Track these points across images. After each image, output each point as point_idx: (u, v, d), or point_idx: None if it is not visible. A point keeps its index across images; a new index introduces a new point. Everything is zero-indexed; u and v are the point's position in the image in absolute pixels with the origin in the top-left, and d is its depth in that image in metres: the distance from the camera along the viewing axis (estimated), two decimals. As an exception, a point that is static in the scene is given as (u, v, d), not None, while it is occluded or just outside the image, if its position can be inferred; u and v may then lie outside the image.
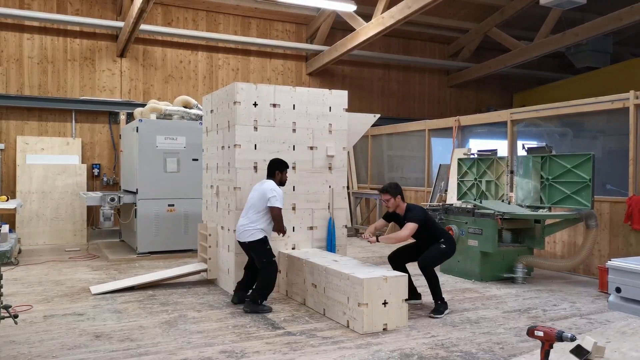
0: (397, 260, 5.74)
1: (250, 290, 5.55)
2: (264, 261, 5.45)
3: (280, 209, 5.51)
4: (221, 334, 4.66)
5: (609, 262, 5.62)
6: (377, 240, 5.37)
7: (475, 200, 7.55)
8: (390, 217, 5.73)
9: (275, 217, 5.50)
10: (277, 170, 5.69)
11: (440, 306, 5.36)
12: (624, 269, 5.41)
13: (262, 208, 5.49)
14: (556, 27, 12.03)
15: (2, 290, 4.26)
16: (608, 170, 7.68)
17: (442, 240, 5.53)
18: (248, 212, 5.57)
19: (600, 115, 7.66)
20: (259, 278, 5.48)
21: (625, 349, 4.07)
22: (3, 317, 4.21)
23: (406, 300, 5.04)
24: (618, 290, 5.47)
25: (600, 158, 7.58)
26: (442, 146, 10.76)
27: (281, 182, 5.70)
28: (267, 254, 5.48)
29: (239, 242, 5.64)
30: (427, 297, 5.72)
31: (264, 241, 5.48)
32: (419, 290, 5.81)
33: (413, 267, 5.70)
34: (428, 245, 5.53)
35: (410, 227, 5.33)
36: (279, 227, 5.59)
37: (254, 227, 5.46)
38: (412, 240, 5.65)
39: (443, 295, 5.46)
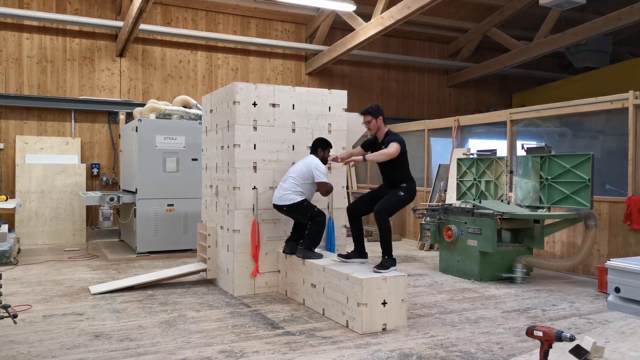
0: (355, 212, 5.66)
1: (302, 240, 5.80)
2: (309, 215, 5.73)
3: (327, 183, 5.73)
4: (220, 333, 4.66)
5: (608, 262, 5.63)
6: (364, 160, 5.35)
7: (474, 200, 7.55)
8: (367, 146, 5.71)
9: (323, 192, 5.79)
10: (320, 147, 5.94)
11: (386, 261, 5.08)
12: (623, 269, 5.42)
13: (301, 181, 5.75)
14: (555, 27, 12.04)
15: (2, 289, 4.26)
16: (607, 170, 7.69)
17: (404, 185, 5.37)
18: (286, 181, 5.81)
19: (600, 115, 7.66)
20: (310, 227, 5.74)
21: (625, 348, 4.07)
22: (2, 317, 4.21)
23: (345, 256, 5.28)
24: (617, 290, 5.47)
25: (599, 158, 7.59)
26: (441, 146, 10.76)
27: (323, 159, 5.93)
28: (310, 209, 5.75)
29: (275, 205, 5.88)
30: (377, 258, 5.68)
31: (302, 202, 5.72)
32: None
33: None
34: (391, 187, 5.40)
35: (395, 146, 5.25)
36: (328, 194, 5.87)
37: (292, 191, 5.71)
38: (369, 191, 5.60)
39: (393, 253, 5.23)
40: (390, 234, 5.31)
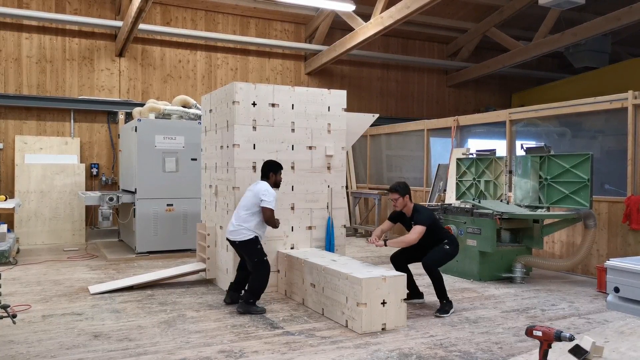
0: (399, 260, 5.73)
1: (243, 291, 5.48)
2: (255, 261, 5.37)
3: (272, 210, 5.37)
4: (220, 333, 4.66)
5: (608, 262, 5.63)
6: (385, 245, 5.35)
7: (474, 200, 7.56)
8: (396, 218, 5.72)
9: (268, 220, 5.38)
10: (271, 172, 5.60)
11: (445, 305, 5.37)
12: (622, 269, 5.42)
13: (253, 209, 5.39)
14: (555, 27, 12.04)
15: (1, 289, 4.26)
16: (606, 170, 7.69)
17: (446, 241, 5.53)
18: (239, 212, 5.48)
19: (599, 115, 7.67)
20: (251, 278, 5.40)
21: (624, 348, 4.07)
22: (1, 317, 4.21)
23: (407, 299, 5.05)
24: (616, 290, 5.47)
25: (598, 158, 7.59)
26: (440, 146, 10.76)
27: (276, 184, 5.62)
28: (259, 253, 5.39)
29: (228, 240, 5.56)
30: (428, 297, 5.73)
31: (254, 241, 5.39)
32: (421, 289, 5.81)
33: (414, 267, 5.70)
34: (431, 246, 5.52)
35: (419, 230, 5.35)
36: (272, 225, 5.47)
37: (244, 227, 5.37)
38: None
39: (448, 295, 5.46)
40: (442, 280, 5.43)
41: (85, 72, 11.08)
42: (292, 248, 6.32)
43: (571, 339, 3.19)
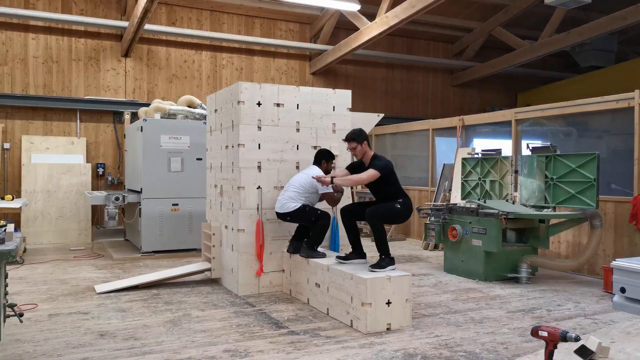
0: (349, 214, 5.55)
1: (306, 240, 5.82)
2: (313, 219, 5.69)
3: (331, 193, 5.71)
4: (225, 333, 4.67)
5: (614, 262, 5.61)
6: (332, 182, 5.33)
7: (479, 199, 7.54)
8: (353, 168, 5.65)
9: (330, 202, 5.89)
10: (324, 159, 5.92)
11: (383, 260, 5.04)
12: (628, 269, 5.40)
13: (302, 190, 5.71)
14: (560, 27, 11.99)
15: (8, 288, 4.28)
16: (613, 170, 7.65)
17: (400, 200, 5.26)
18: (288, 190, 5.78)
19: (605, 114, 7.63)
20: (315, 227, 5.69)
21: (630, 349, 4.05)
22: (8, 316, 4.23)
23: (345, 259, 5.24)
24: (623, 290, 5.45)
25: (605, 158, 7.55)
26: (446, 146, 10.74)
27: (326, 172, 5.87)
28: (313, 213, 5.71)
29: (279, 214, 5.85)
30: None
31: (301, 208, 5.68)
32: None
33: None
34: (384, 202, 5.34)
35: (371, 173, 5.15)
36: (335, 203, 5.98)
37: (293, 199, 5.69)
38: (370, 198, 5.58)
39: (390, 252, 5.16)
40: (384, 233, 5.20)
41: (91, 72, 11.12)
42: (297, 248, 6.32)
43: (577, 339, 3.18)
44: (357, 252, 5.48)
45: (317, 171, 5.78)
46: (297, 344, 4.37)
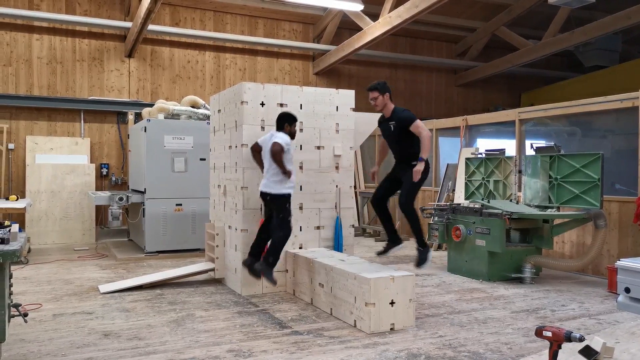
0: (378, 200, 5.64)
1: (264, 255, 5.63)
2: (281, 217, 5.53)
3: (281, 146, 5.41)
4: (229, 333, 4.68)
5: (618, 262, 5.59)
6: (423, 161, 5.15)
7: (482, 199, 7.52)
8: (382, 132, 5.64)
9: (274, 154, 5.41)
10: (286, 122, 5.71)
11: (422, 253, 5.28)
12: (633, 269, 5.38)
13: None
14: (564, 26, 11.96)
15: (12, 288, 4.30)
16: (617, 169, 7.63)
17: (416, 164, 5.24)
18: (268, 170, 5.61)
19: (609, 114, 7.61)
20: (273, 237, 5.57)
21: (635, 349, 4.04)
22: (13, 316, 4.24)
23: (382, 252, 5.28)
24: (627, 290, 5.43)
25: (609, 157, 7.53)
26: (449, 146, 10.73)
27: (291, 134, 5.70)
28: (286, 212, 5.56)
29: (261, 193, 5.69)
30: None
31: (286, 198, 5.56)
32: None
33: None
34: (404, 166, 5.36)
35: (420, 124, 5.19)
36: (279, 160, 5.44)
37: (277, 181, 5.52)
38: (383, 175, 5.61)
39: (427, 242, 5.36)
40: (419, 222, 5.31)
41: (95, 73, 11.15)
42: (300, 248, 6.33)
43: (581, 339, 3.17)
44: (393, 240, 5.57)
45: (281, 134, 5.54)
46: (300, 344, 4.37)
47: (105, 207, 9.99)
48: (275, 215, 5.61)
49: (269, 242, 5.63)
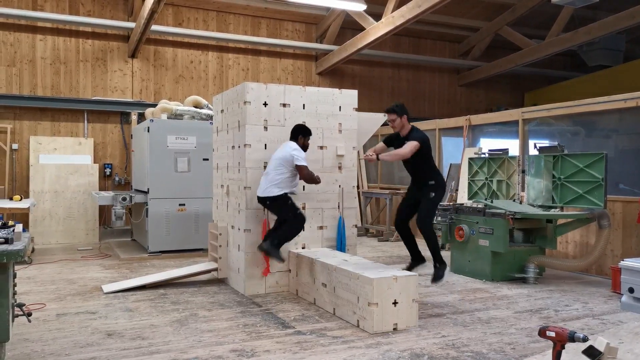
0: (403, 224, 5.77)
1: (273, 234, 5.73)
2: (290, 215, 5.64)
3: (307, 167, 5.60)
4: (232, 332, 4.68)
5: (622, 262, 5.58)
6: (377, 159, 5.39)
7: (486, 199, 7.51)
8: (390, 141, 5.75)
9: (306, 177, 5.64)
10: (301, 134, 5.80)
11: (439, 269, 5.41)
12: (636, 269, 5.37)
13: (281, 168, 5.61)
14: (568, 26, 11.93)
15: (16, 288, 4.31)
16: (621, 169, 7.61)
17: (432, 183, 5.47)
18: (269, 174, 5.67)
19: (613, 114, 7.59)
20: (286, 225, 5.67)
21: (639, 349, 4.03)
22: (17, 315, 4.25)
23: (410, 267, 5.34)
24: (631, 290, 5.42)
25: (613, 157, 7.50)
26: (452, 145, 10.72)
27: (304, 147, 5.79)
28: (291, 209, 5.64)
29: (259, 197, 5.77)
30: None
31: (284, 197, 5.59)
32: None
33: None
34: (420, 186, 5.53)
35: (412, 145, 5.31)
36: (313, 181, 5.69)
37: (273, 185, 5.59)
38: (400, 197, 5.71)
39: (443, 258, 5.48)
40: (437, 242, 5.45)
41: (99, 73, 11.17)
42: (303, 248, 6.33)
43: (585, 339, 3.17)
44: (417, 259, 5.73)
45: (296, 146, 5.67)
46: (303, 344, 4.38)
47: (109, 207, 10.02)
48: (284, 217, 5.72)
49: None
